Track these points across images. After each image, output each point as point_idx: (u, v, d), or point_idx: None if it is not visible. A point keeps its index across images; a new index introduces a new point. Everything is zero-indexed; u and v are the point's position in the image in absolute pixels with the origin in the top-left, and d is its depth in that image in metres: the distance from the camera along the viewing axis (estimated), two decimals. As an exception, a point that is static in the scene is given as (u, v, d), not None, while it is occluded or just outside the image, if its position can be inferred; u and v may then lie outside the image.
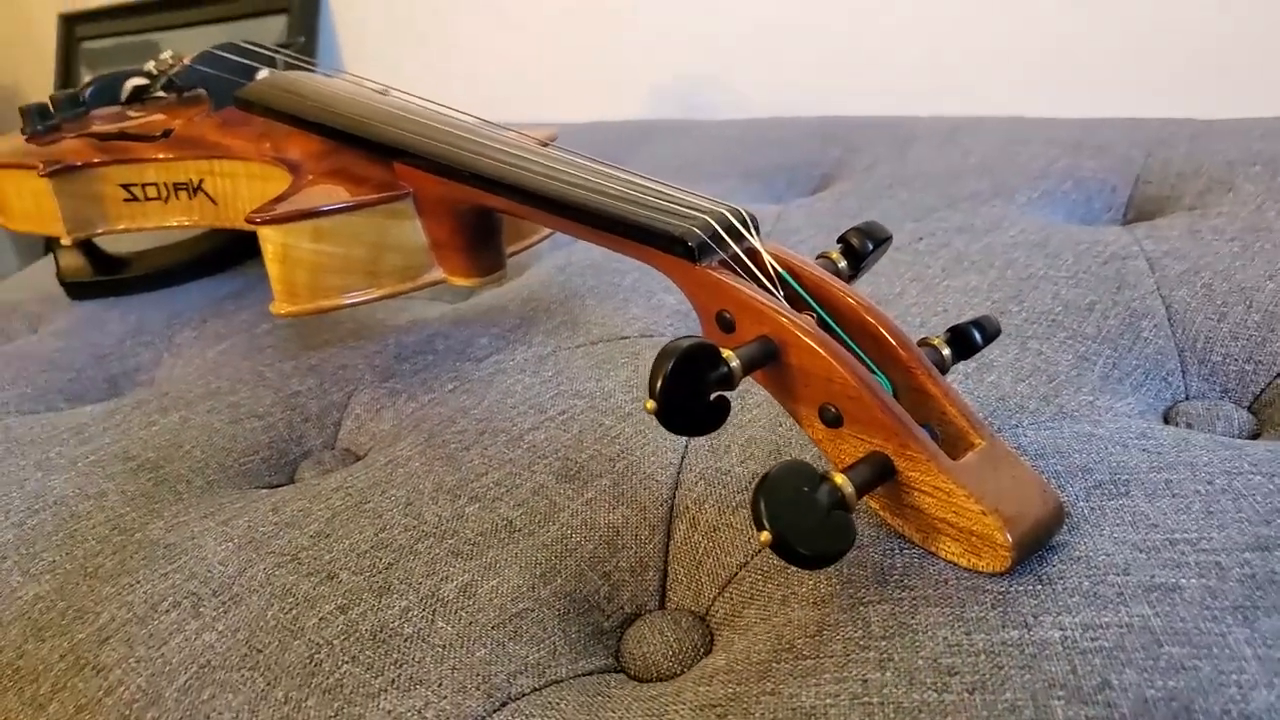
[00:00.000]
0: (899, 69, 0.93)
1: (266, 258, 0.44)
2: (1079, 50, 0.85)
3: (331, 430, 0.48)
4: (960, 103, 0.87)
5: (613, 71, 1.13)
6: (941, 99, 0.89)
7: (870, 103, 0.93)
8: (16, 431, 0.50)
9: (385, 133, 0.45)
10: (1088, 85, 0.85)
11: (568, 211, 0.36)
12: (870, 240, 0.35)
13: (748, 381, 0.31)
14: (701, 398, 0.29)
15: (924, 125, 0.74)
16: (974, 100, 0.89)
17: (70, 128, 0.65)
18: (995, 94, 0.89)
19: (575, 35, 1.14)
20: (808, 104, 0.97)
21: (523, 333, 0.51)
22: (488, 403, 0.44)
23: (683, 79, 1.07)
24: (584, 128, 0.98)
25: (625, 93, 1.11)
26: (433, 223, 0.45)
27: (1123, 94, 0.83)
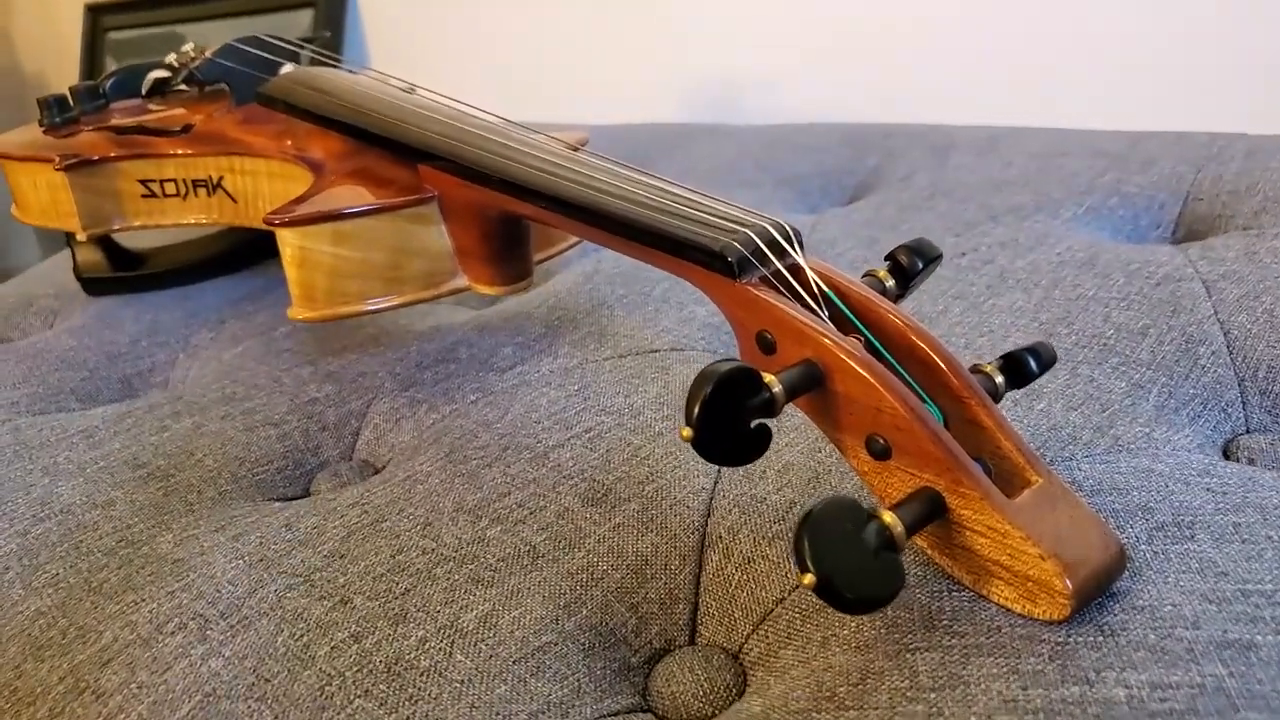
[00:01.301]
0: (933, 76, 0.91)
1: (284, 260, 0.42)
2: (1118, 60, 0.83)
3: (349, 440, 0.46)
4: (995, 112, 0.85)
5: (643, 73, 1.11)
6: (976, 107, 0.87)
7: (904, 110, 0.90)
8: (26, 433, 0.49)
9: (410, 133, 0.43)
10: (1129, 97, 0.82)
11: (601, 221, 0.34)
12: (920, 258, 0.33)
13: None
14: (741, 425, 0.27)
15: (961, 134, 0.72)
16: (1009, 109, 0.86)
17: (89, 120, 0.63)
18: (1030, 103, 0.87)
19: (606, 36, 1.12)
20: (841, 110, 0.95)
21: (548, 343, 0.49)
22: (511, 417, 0.43)
23: (714, 82, 1.05)
24: (613, 130, 0.96)
25: (655, 95, 1.10)
26: (458, 228, 0.43)
27: (1167, 106, 0.80)
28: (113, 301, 0.68)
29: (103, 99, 0.67)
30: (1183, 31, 0.79)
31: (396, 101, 0.47)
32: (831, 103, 0.96)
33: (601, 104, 1.13)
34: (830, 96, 0.97)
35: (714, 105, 1.06)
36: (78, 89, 0.65)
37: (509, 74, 1.22)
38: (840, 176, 0.71)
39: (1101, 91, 0.84)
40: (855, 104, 0.95)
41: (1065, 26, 0.84)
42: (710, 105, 1.06)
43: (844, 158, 0.73)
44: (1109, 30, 0.82)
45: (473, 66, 1.24)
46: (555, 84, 1.18)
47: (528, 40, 1.19)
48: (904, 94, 0.93)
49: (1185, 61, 0.80)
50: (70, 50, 1.62)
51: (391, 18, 1.30)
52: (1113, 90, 0.83)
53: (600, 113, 1.09)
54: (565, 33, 1.15)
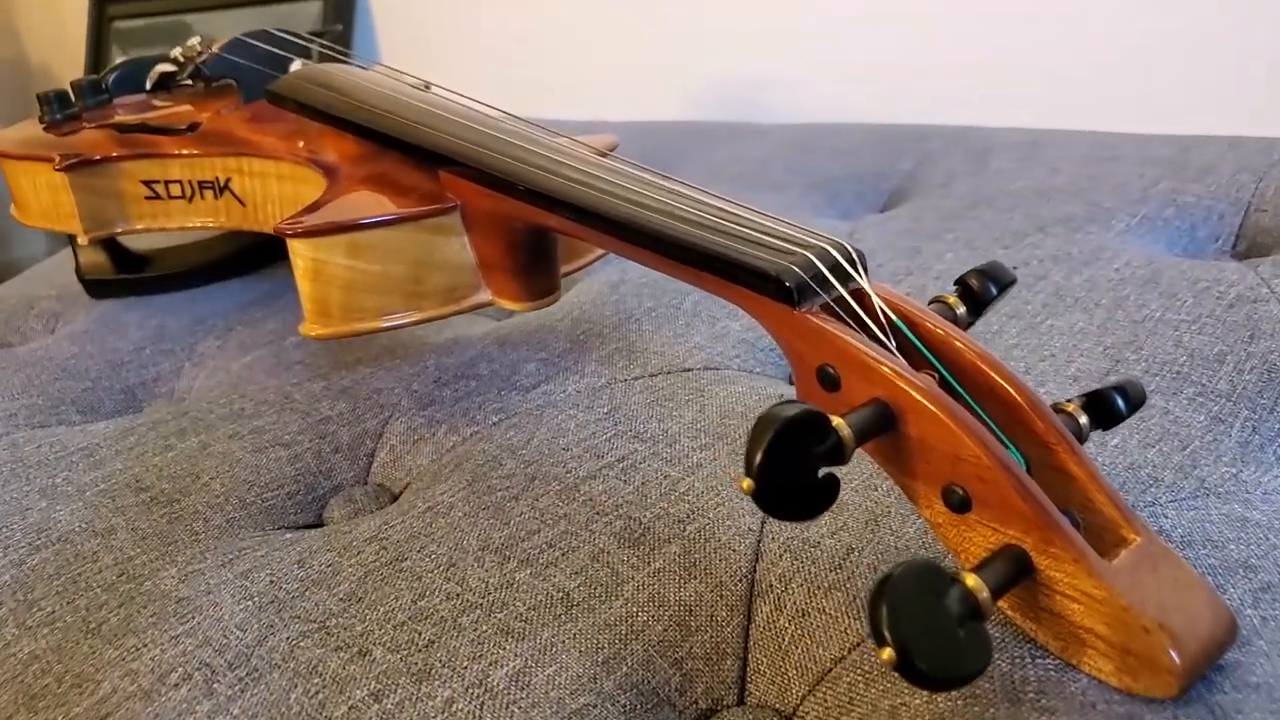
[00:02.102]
0: (965, 74, 0.88)
1: (296, 273, 0.40)
2: (1161, 61, 0.79)
3: (364, 463, 0.44)
4: (1024, 112, 0.81)
5: (659, 69, 1.08)
6: (1010, 108, 0.83)
7: (933, 109, 0.87)
8: (24, 450, 0.47)
9: (432, 138, 0.41)
10: (1174, 98, 0.79)
11: (641, 238, 0.32)
12: (994, 284, 0.30)
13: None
14: (808, 475, 0.24)
15: (1000, 137, 0.69)
16: (1044, 110, 0.83)
17: (91, 117, 0.61)
18: (1066, 104, 0.84)
19: (621, 30, 1.09)
20: (866, 108, 0.92)
21: (573, 360, 0.47)
22: (537, 442, 0.40)
23: (733, 78, 1.02)
24: (627, 127, 0.93)
25: (671, 92, 1.06)
26: (482, 240, 0.40)
27: (1217, 109, 0.77)
28: (116, 305, 0.66)
29: (105, 94, 0.64)
30: (1217, 30, 0.76)
31: (416, 103, 0.44)
32: (855, 101, 0.93)
33: (616, 100, 1.10)
34: (854, 94, 0.94)
35: (731, 102, 1.03)
36: (79, 84, 0.62)
37: (521, 68, 1.19)
38: (874, 180, 0.68)
39: (1140, 92, 0.80)
40: (881, 103, 0.92)
41: (1097, 25, 0.81)
42: (727, 102, 1.03)
43: (877, 160, 0.70)
44: (1144, 29, 0.79)
45: (485, 60, 1.21)
46: (568, 79, 1.15)
47: (541, 34, 1.16)
48: (933, 93, 0.89)
49: (1223, 61, 0.77)
50: (76, 40, 1.59)
51: (402, 10, 1.27)
52: (1150, 91, 0.80)
53: (615, 109, 1.06)
54: (579, 26, 1.12)
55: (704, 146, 0.81)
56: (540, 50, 1.17)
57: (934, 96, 0.89)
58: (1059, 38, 0.83)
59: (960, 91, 0.88)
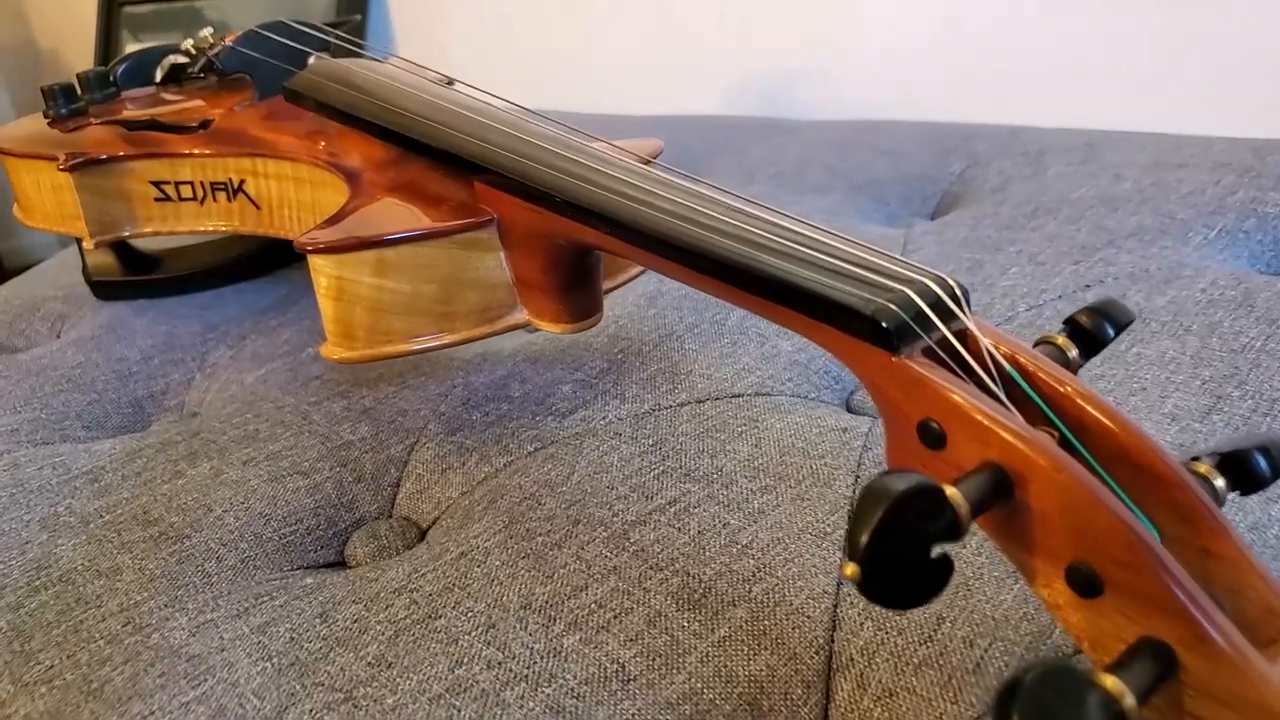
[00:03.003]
0: (1006, 70, 0.84)
1: (318, 292, 0.36)
2: (1222, 59, 0.75)
3: (388, 493, 0.41)
4: (1080, 114, 0.78)
5: (686, 61, 1.04)
6: (1052, 106, 0.79)
7: (971, 107, 0.83)
8: (25, 471, 0.44)
9: (467, 144, 0.37)
10: (1238, 98, 0.75)
11: (709, 266, 0.28)
12: (1111, 325, 0.26)
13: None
14: (921, 557, 0.21)
15: (1054, 139, 0.65)
16: (1092, 109, 0.79)
17: (98, 111, 0.57)
18: (1115, 103, 0.80)
19: (645, 21, 1.05)
20: (901, 104, 0.88)
21: (612, 381, 0.43)
22: (578, 477, 0.37)
23: (761, 72, 0.98)
24: (655, 122, 0.90)
25: (699, 85, 1.03)
26: (520, 257, 0.37)
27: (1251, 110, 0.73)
28: (125, 308, 0.63)
29: (113, 87, 0.61)
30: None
31: (447, 104, 0.41)
32: (887, 97, 0.89)
33: (640, 94, 1.06)
34: (885, 90, 0.90)
35: (760, 98, 0.99)
36: (86, 77, 0.59)
37: (542, 60, 1.15)
38: (922, 184, 0.64)
39: (1202, 92, 0.76)
40: (916, 99, 0.88)
41: (1151, 20, 0.77)
42: (756, 98, 0.99)
43: (924, 162, 0.66)
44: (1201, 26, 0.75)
45: (505, 52, 1.18)
46: (590, 72, 1.12)
47: (562, 24, 1.12)
48: (970, 90, 0.85)
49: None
50: (86, 26, 1.56)
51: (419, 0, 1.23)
52: (1214, 91, 0.76)
53: (639, 104, 1.03)
54: (602, 17, 1.08)
55: (735, 144, 0.77)
56: (562, 41, 1.13)
57: (973, 93, 0.85)
58: (1109, 33, 0.79)
59: (1002, 88, 0.84)
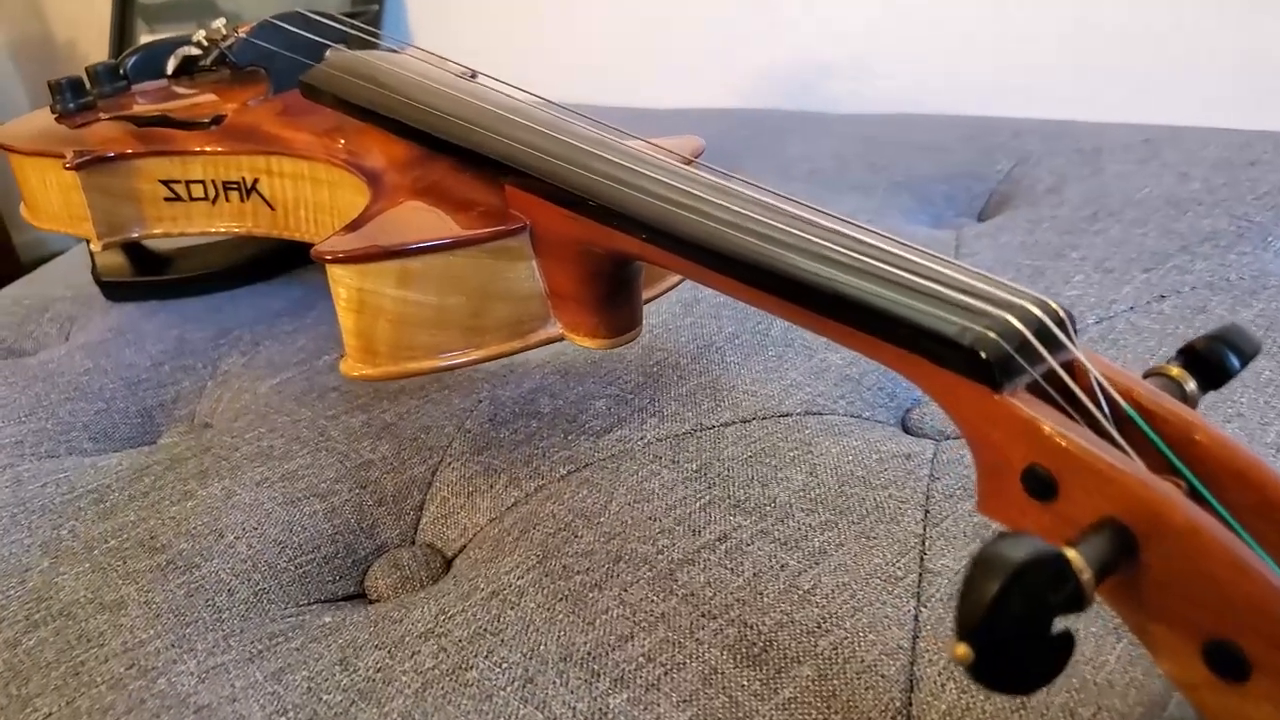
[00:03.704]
0: (1053, 60, 0.80)
1: (338, 305, 0.34)
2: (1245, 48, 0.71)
3: (411, 518, 0.38)
4: (1135, 108, 0.74)
5: (714, 51, 1.00)
6: (1104, 99, 0.76)
7: (1012, 99, 0.80)
8: (28, 489, 0.41)
9: (499, 145, 0.34)
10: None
11: (780, 285, 0.25)
12: (1236, 355, 0.23)
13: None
14: (1041, 634, 0.18)
15: (1109, 134, 0.62)
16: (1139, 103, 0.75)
17: (107, 106, 0.55)
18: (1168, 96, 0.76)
19: (671, 8, 1.02)
20: (937, 97, 0.85)
21: (649, 397, 0.40)
22: (616, 507, 0.34)
23: (792, 63, 0.95)
24: (683, 116, 0.87)
25: (727, 76, 0.99)
26: (554, 267, 0.34)
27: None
28: (135, 310, 0.60)
29: (123, 81, 0.58)
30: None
31: (475, 100, 0.38)
32: (922, 88, 0.86)
33: (666, 86, 1.03)
34: (919, 82, 0.86)
35: (792, 90, 0.95)
36: (95, 70, 0.57)
37: (564, 50, 1.12)
38: (968, 182, 0.61)
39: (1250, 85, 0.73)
40: (954, 92, 0.84)
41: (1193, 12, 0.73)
42: (787, 90, 0.96)
43: (970, 159, 0.63)
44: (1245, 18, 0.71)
45: (522, 41, 1.15)
46: (614, 62, 1.08)
47: (584, 13, 1.09)
48: (1012, 82, 0.82)
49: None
50: (101, 16, 1.54)
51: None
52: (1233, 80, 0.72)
53: (665, 95, 0.99)
54: (623, 5, 1.05)
55: (769, 139, 0.74)
56: (583, 31, 1.10)
57: (1014, 85, 0.81)
58: (1158, 23, 0.75)
59: (1045, 80, 0.80)
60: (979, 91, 0.83)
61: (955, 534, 0.30)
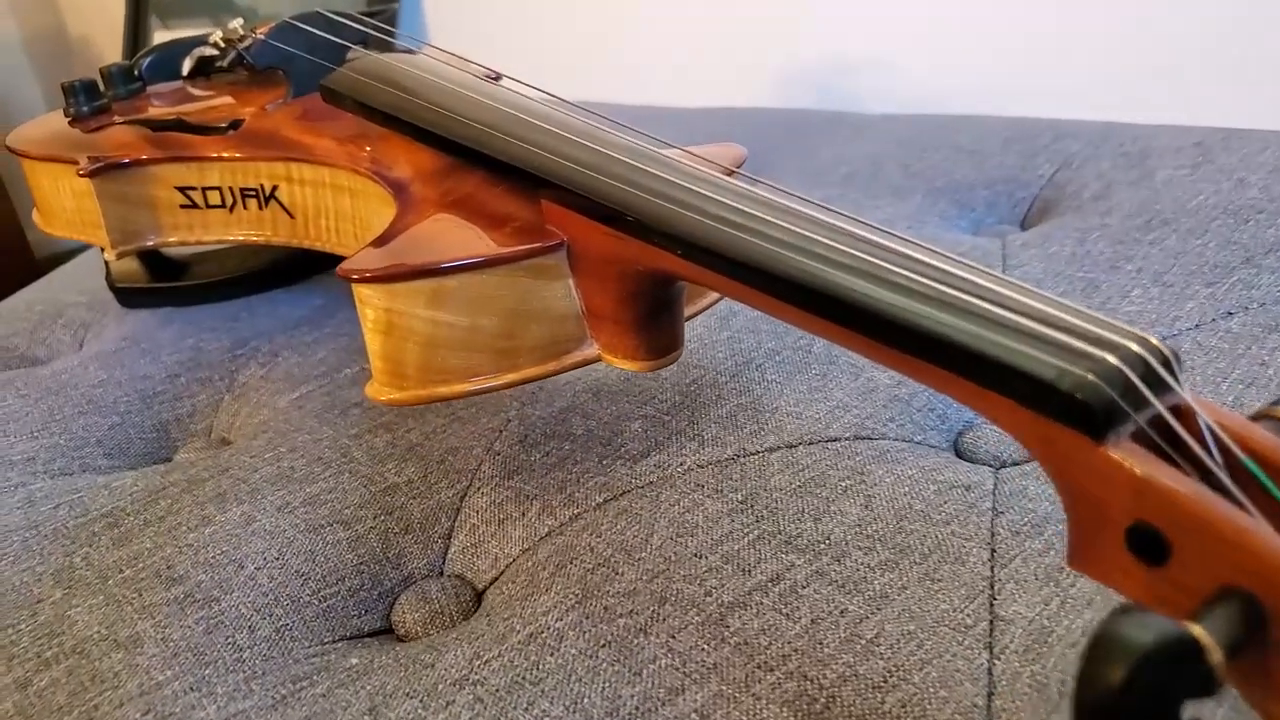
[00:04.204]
0: (1092, 60, 0.78)
1: (365, 326, 0.32)
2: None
3: (439, 546, 0.36)
4: (1179, 109, 0.71)
5: (739, 48, 0.98)
6: (1148, 101, 0.73)
7: (1055, 100, 0.77)
8: (40, 510, 0.40)
9: (537, 158, 0.32)
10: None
11: (850, 316, 0.23)
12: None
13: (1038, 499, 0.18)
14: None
15: (1156, 137, 0.59)
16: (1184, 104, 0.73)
17: (122, 109, 0.53)
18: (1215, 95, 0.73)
19: (692, 1, 0.99)
20: (972, 95, 0.82)
21: (687, 419, 0.38)
22: (659, 540, 0.32)
23: (821, 60, 0.93)
24: (709, 115, 0.85)
25: (754, 74, 0.97)
26: (592, 286, 0.32)
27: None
28: (149, 318, 0.59)
29: (138, 82, 0.57)
30: None
31: (509, 109, 0.36)
32: (956, 86, 0.83)
33: (689, 84, 1.01)
34: (952, 80, 0.84)
35: (820, 89, 0.93)
36: (109, 71, 0.55)
37: (582, 48, 1.10)
38: (1009, 187, 0.59)
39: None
40: (989, 91, 0.82)
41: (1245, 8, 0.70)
42: (816, 89, 0.93)
43: (1010, 163, 0.61)
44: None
45: (541, 37, 1.13)
46: (633, 59, 1.06)
47: (602, 10, 1.06)
48: (1048, 81, 0.79)
49: None
50: (115, 13, 1.53)
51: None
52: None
53: (688, 94, 0.97)
54: (642, 1, 1.03)
55: (800, 140, 0.72)
56: (604, 28, 1.08)
57: (1053, 85, 0.79)
58: (1206, 22, 0.73)
59: (1085, 79, 0.77)
60: (1013, 91, 0.80)
61: (1025, 576, 0.28)
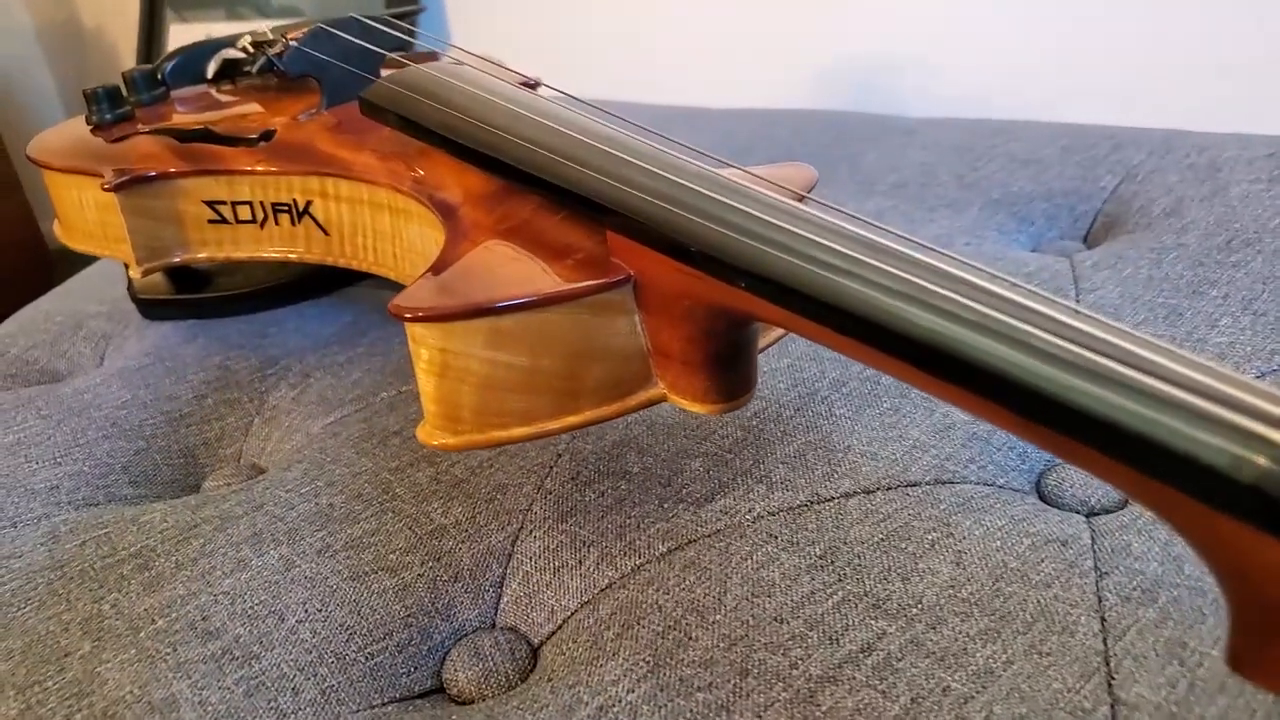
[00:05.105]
0: (1151, 62, 0.75)
1: (418, 367, 0.30)
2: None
3: (490, 595, 0.34)
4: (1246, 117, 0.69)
5: (766, 45, 0.95)
6: (1211, 108, 0.70)
7: (1107, 105, 0.75)
8: (65, 548, 0.38)
9: (607, 188, 0.30)
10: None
11: (991, 387, 0.21)
12: None
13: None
14: None
15: (1224, 147, 0.56)
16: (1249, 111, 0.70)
17: (146, 116, 0.51)
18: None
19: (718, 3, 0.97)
20: (1016, 99, 0.79)
21: (751, 458, 0.36)
22: (734, 600, 0.30)
23: (857, 58, 0.90)
24: (740, 116, 0.82)
25: (789, 73, 0.94)
26: (661, 323, 0.30)
27: None
28: (174, 332, 0.57)
29: (162, 87, 0.54)
30: None
31: (571, 131, 0.34)
32: (1002, 88, 0.80)
33: (721, 83, 0.98)
34: (997, 82, 0.81)
35: (857, 88, 0.90)
36: (132, 76, 0.53)
37: (609, 46, 1.07)
38: (1070, 200, 0.56)
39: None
40: (1032, 94, 0.79)
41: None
42: (852, 88, 0.91)
43: (1070, 173, 0.58)
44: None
45: (566, 34, 1.10)
46: (662, 57, 1.04)
47: (631, 6, 1.04)
48: (1096, 83, 0.76)
49: None
50: (130, 4, 1.51)
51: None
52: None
53: (719, 94, 0.95)
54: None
55: (841, 144, 0.69)
56: (632, 25, 1.05)
57: (1107, 88, 0.76)
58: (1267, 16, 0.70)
59: (1141, 82, 0.74)
60: (1061, 94, 0.77)
61: (1144, 652, 0.26)
